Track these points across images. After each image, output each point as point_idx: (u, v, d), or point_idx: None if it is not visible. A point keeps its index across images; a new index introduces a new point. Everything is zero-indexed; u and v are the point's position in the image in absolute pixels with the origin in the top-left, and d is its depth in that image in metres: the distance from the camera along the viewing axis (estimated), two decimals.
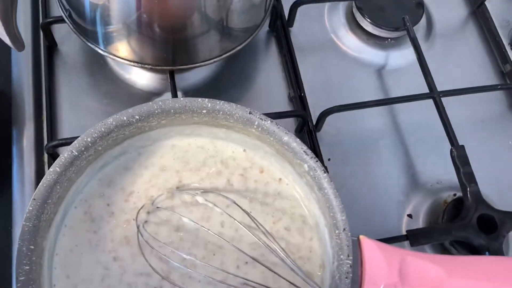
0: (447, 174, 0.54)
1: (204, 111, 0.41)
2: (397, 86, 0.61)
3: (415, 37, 0.58)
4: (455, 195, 0.54)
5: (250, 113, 0.41)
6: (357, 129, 0.58)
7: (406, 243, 0.48)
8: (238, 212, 0.42)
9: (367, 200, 0.55)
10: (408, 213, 0.54)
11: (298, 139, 0.40)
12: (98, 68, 0.58)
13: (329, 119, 0.56)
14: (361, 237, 0.38)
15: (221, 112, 0.41)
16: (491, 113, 0.61)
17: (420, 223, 0.53)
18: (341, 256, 0.37)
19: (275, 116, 0.52)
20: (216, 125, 0.43)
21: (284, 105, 0.58)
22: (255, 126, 0.41)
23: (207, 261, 0.41)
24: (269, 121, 0.41)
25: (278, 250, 0.40)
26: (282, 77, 0.60)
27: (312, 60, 0.62)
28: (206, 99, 0.41)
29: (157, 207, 0.42)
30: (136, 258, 0.40)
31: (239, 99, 0.58)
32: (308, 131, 0.56)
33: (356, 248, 0.38)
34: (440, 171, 0.56)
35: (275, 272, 0.39)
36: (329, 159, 0.56)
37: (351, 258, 0.37)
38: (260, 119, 0.41)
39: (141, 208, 0.42)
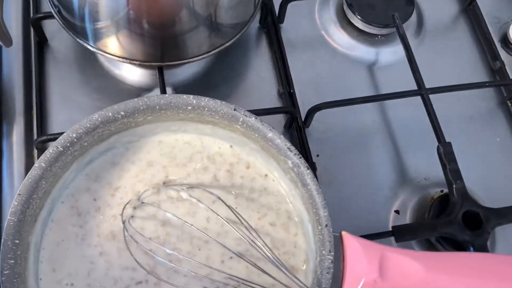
0: (435, 170, 0.55)
1: (190, 108, 0.41)
2: (388, 83, 0.62)
3: (404, 33, 0.58)
4: (442, 191, 0.55)
5: (234, 109, 0.41)
6: (347, 125, 0.59)
7: (392, 239, 0.49)
8: (224, 207, 0.42)
9: (355, 196, 0.55)
10: (395, 209, 0.54)
11: (282, 136, 0.41)
12: (89, 64, 0.58)
13: (318, 115, 0.56)
14: (343, 233, 0.38)
15: (206, 109, 0.41)
16: (480, 110, 0.62)
17: (407, 219, 0.54)
18: (323, 252, 0.37)
19: (264, 112, 0.52)
20: (202, 121, 0.43)
21: (273, 102, 0.59)
22: (239, 123, 0.41)
23: (192, 256, 0.41)
24: (253, 118, 0.41)
25: (261, 246, 0.40)
26: (272, 73, 0.61)
27: (302, 56, 0.62)
28: (191, 96, 0.41)
29: (143, 202, 0.42)
30: (122, 252, 0.41)
31: (229, 95, 0.59)
32: (297, 127, 0.56)
33: (339, 244, 0.38)
34: (428, 167, 0.57)
35: (259, 268, 0.40)
36: (317, 155, 0.56)
37: (332, 253, 0.37)
38: (245, 115, 0.41)
39: (127, 203, 0.42)
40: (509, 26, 0.64)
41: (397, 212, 0.54)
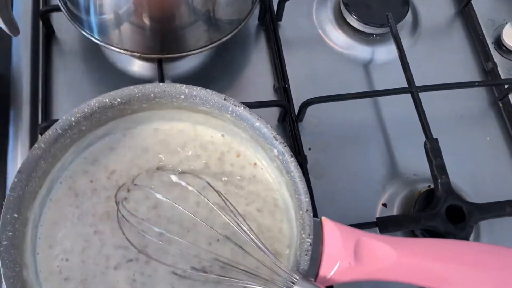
0: (424, 167, 0.56)
1: (182, 97, 0.43)
2: (382, 81, 0.63)
3: (397, 33, 0.60)
4: (429, 187, 0.56)
5: (225, 99, 0.43)
6: (339, 121, 0.60)
7: (376, 229, 0.51)
8: (213, 193, 0.45)
9: (344, 189, 0.57)
10: (383, 202, 0.56)
11: (269, 125, 0.43)
12: (93, 56, 0.61)
13: (312, 110, 0.58)
14: (323, 218, 0.40)
15: (198, 98, 0.43)
16: (471, 110, 0.63)
17: (394, 212, 0.55)
18: (303, 235, 0.39)
19: (257, 105, 0.54)
20: (195, 110, 0.46)
21: (269, 96, 0.61)
22: (229, 112, 0.43)
23: (181, 238, 0.43)
24: (242, 107, 0.43)
25: (247, 230, 0.42)
26: (269, 69, 0.63)
27: (299, 54, 0.64)
28: (184, 85, 0.43)
29: (136, 185, 0.45)
30: (115, 232, 0.43)
31: (227, 89, 0.61)
32: (290, 121, 0.58)
33: (319, 229, 0.40)
34: (417, 163, 0.58)
35: (244, 250, 0.42)
36: (309, 149, 0.58)
37: (311, 237, 0.39)
38: (234, 105, 0.43)
39: (122, 186, 0.45)
40: (503, 28, 0.65)
41: (384, 205, 0.56)
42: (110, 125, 0.45)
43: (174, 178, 0.44)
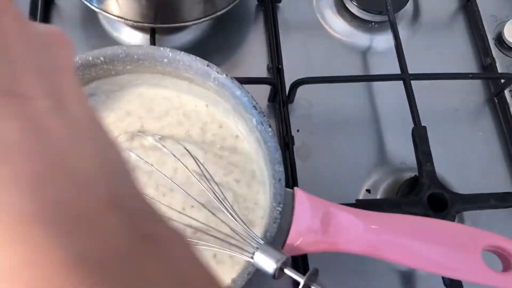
0: (412, 156, 0.55)
1: (165, 60, 0.44)
2: (378, 70, 0.63)
3: (394, 19, 0.59)
4: (415, 175, 0.55)
5: (207, 65, 0.43)
6: (331, 105, 0.60)
7: None
8: (192, 161, 0.45)
9: (329, 172, 0.56)
10: (367, 188, 0.56)
11: (249, 94, 0.43)
12: (91, 24, 0.61)
13: (304, 93, 0.58)
14: (296, 189, 0.40)
15: (181, 63, 0.44)
16: (466, 104, 0.62)
17: (377, 198, 0.55)
18: (273, 204, 0.39)
19: (246, 81, 0.54)
20: (179, 77, 0.46)
21: (262, 75, 0.60)
22: (212, 79, 0.43)
23: (155, 202, 0.43)
24: (224, 75, 0.43)
25: (222, 199, 0.42)
26: (265, 50, 0.63)
27: (296, 36, 0.64)
28: (168, 49, 0.43)
29: None
30: None
31: (220, 65, 0.60)
32: (280, 101, 0.58)
33: (292, 200, 0.40)
34: (406, 153, 0.57)
35: (217, 217, 0.42)
36: (298, 130, 0.58)
37: (281, 205, 0.39)
38: (217, 72, 0.43)
39: None
40: (505, 24, 0.64)
41: (368, 191, 0.55)
42: (93, 85, 0.46)
43: (154, 142, 0.44)
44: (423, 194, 0.50)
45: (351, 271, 0.52)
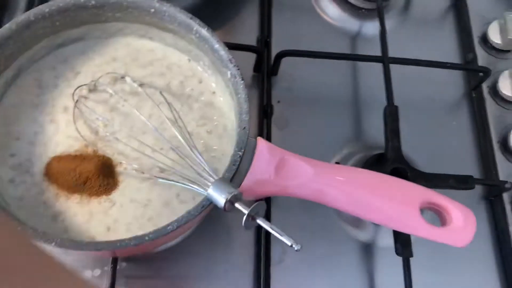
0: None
1: (152, 10, 0.46)
2: (363, 53, 0.65)
3: (382, 6, 0.62)
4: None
5: (191, 18, 0.46)
6: (314, 81, 0.62)
7: None
8: (167, 111, 0.47)
9: (302, 142, 0.59)
10: (336, 160, 0.58)
11: (227, 48, 0.45)
12: None
13: (288, 67, 0.60)
14: (258, 138, 0.42)
15: (166, 14, 0.46)
16: (444, 94, 0.64)
17: None
18: (235, 149, 0.42)
19: (233, 46, 0.56)
20: (164, 28, 0.48)
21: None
22: (194, 31, 0.46)
23: (128, 141, 0.46)
24: (205, 28, 0.46)
25: (191, 145, 0.44)
26: (256, 24, 0.65)
27: (288, 15, 0.66)
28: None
29: (96, 88, 0.48)
30: (70, 124, 0.46)
31: None
32: (265, 71, 0.60)
33: (254, 148, 0.42)
34: (379, 132, 0.59)
35: (185, 160, 0.44)
36: (278, 101, 0.61)
37: (242, 150, 0.41)
38: (199, 25, 0.46)
39: (84, 85, 0.47)
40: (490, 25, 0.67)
41: (337, 163, 0.58)
42: (83, 29, 0.48)
43: (135, 86, 0.46)
44: (386, 168, 0.52)
45: (311, 234, 0.54)
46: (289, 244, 0.34)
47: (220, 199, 0.37)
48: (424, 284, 0.51)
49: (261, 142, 0.42)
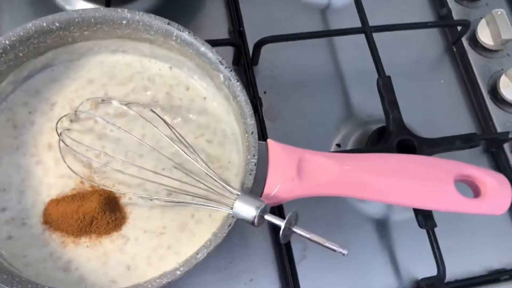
0: (378, 108, 0.56)
1: (124, 22, 0.42)
2: (338, 26, 0.62)
3: None
4: (383, 126, 0.56)
5: (168, 23, 0.42)
6: (295, 65, 0.60)
7: None
8: (159, 127, 0.43)
9: (299, 130, 0.57)
10: (337, 142, 0.56)
11: (214, 50, 0.42)
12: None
13: (268, 54, 0.57)
14: (269, 140, 0.40)
15: (140, 23, 0.42)
16: (426, 54, 0.63)
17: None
18: (248, 157, 0.39)
19: (209, 43, 0.53)
20: (139, 39, 0.44)
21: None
22: (174, 37, 0.42)
23: (125, 168, 0.42)
24: (187, 32, 0.42)
25: (195, 159, 0.41)
26: (225, 14, 0.62)
27: (255, 2, 0.63)
28: (126, 10, 0.42)
29: (79, 117, 0.43)
30: (59, 162, 0.42)
31: None
32: (245, 63, 0.57)
33: (266, 151, 0.40)
34: (371, 106, 0.58)
35: (192, 177, 0.41)
36: (264, 92, 0.58)
37: (256, 157, 0.38)
38: (178, 30, 0.42)
39: (64, 116, 0.43)
40: None
41: (338, 145, 0.56)
42: (50, 55, 0.44)
43: (120, 106, 0.42)
44: (392, 141, 0.51)
45: (327, 225, 0.53)
46: (335, 250, 0.32)
47: (249, 214, 0.34)
48: (451, 249, 0.50)
49: (272, 144, 0.39)
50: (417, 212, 0.47)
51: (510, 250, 0.54)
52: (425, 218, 0.47)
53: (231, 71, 0.41)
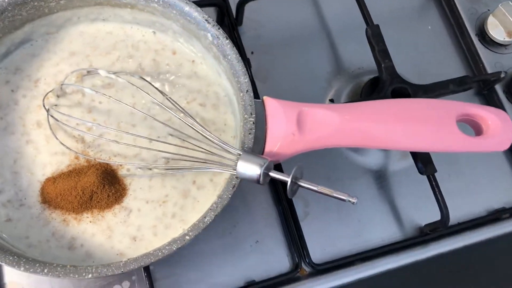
0: (368, 60, 0.55)
1: None
2: None
3: None
4: (375, 76, 0.55)
5: None
6: (280, 23, 0.58)
7: None
8: (151, 93, 0.42)
9: (290, 89, 0.55)
10: (330, 98, 0.55)
11: (199, 8, 0.40)
12: None
13: (252, 14, 0.56)
14: (265, 97, 0.39)
15: None
16: (412, 2, 0.62)
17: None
18: (245, 116, 0.38)
19: None
20: (119, 4, 0.42)
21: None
22: (156, 0, 0.41)
23: (120, 139, 0.41)
24: None
25: (194, 122, 0.40)
26: None
27: None
28: None
29: (65, 91, 0.42)
30: (50, 139, 0.40)
31: None
32: (229, 24, 0.55)
33: (262, 109, 0.39)
34: (361, 57, 0.57)
35: (189, 142, 0.40)
36: (252, 52, 0.56)
37: (253, 116, 0.38)
38: None
39: (50, 91, 0.41)
40: None
41: (331, 100, 0.55)
42: (27, 29, 0.42)
43: (107, 75, 0.41)
44: (386, 90, 0.50)
45: (326, 180, 0.52)
46: (344, 199, 0.32)
47: (253, 172, 0.34)
48: (451, 193, 0.50)
49: (269, 100, 0.38)
50: (416, 158, 0.47)
51: (508, 189, 0.55)
52: (424, 164, 0.47)
53: (219, 29, 0.40)
